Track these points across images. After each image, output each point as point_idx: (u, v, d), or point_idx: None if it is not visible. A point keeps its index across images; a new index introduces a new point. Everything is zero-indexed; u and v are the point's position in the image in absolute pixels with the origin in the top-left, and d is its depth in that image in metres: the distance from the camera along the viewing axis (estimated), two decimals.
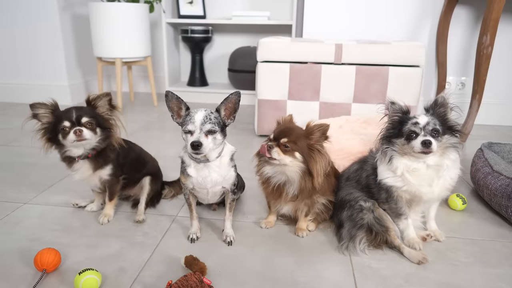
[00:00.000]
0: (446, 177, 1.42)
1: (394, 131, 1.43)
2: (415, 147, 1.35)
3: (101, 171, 1.62)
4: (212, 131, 1.34)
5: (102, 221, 1.65)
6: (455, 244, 1.54)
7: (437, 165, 1.40)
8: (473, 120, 2.83)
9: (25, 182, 2.05)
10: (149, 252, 1.45)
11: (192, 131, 1.33)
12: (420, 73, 2.66)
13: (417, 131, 1.36)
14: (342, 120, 2.35)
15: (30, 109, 1.50)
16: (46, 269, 1.29)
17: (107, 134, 1.58)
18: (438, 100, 1.42)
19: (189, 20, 3.95)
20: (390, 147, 1.43)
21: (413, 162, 1.40)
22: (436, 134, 1.36)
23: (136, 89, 4.54)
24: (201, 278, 1.22)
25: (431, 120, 1.37)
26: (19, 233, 1.57)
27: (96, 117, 1.54)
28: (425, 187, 1.42)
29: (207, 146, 1.33)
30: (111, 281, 1.29)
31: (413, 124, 1.38)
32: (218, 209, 1.80)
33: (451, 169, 1.43)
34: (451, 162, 1.41)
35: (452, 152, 1.40)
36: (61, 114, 1.51)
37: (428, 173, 1.41)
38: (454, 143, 1.40)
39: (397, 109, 1.45)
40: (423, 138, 1.33)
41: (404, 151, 1.40)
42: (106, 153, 1.61)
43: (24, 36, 3.70)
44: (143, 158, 1.84)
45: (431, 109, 1.43)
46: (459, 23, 3.22)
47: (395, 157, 1.43)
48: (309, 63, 2.73)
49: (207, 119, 1.34)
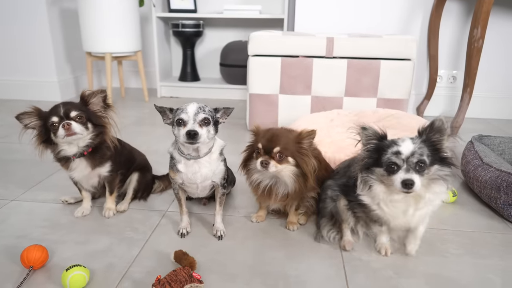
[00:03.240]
0: (425, 209, 1.25)
1: (372, 160, 1.21)
2: (395, 185, 1.14)
3: (101, 169, 1.60)
4: (207, 121, 1.33)
5: (108, 214, 1.65)
6: (446, 236, 1.54)
7: (418, 196, 1.21)
8: (464, 114, 2.84)
9: (13, 178, 2.02)
10: (138, 247, 1.44)
11: (185, 120, 1.32)
12: (412, 67, 2.66)
13: (399, 163, 1.13)
14: (334, 113, 2.34)
15: (18, 121, 1.47)
16: (33, 265, 1.27)
17: (100, 130, 1.54)
18: (435, 124, 1.15)
19: (180, 14, 3.91)
20: (369, 175, 1.23)
21: (393, 192, 1.21)
22: (422, 168, 1.13)
23: (127, 84, 4.49)
24: (190, 273, 1.21)
25: (418, 149, 1.13)
26: (6, 230, 1.55)
27: (86, 112, 1.50)
28: (399, 219, 1.28)
29: (202, 135, 1.32)
30: (100, 277, 1.27)
31: (393, 153, 1.14)
32: (209, 204, 1.78)
33: (434, 202, 1.24)
34: (434, 196, 1.21)
35: (438, 185, 1.19)
36: (48, 112, 1.48)
37: (405, 204, 1.24)
38: (443, 175, 1.18)
39: (370, 134, 1.23)
40: (404, 177, 1.11)
41: (384, 181, 1.21)
42: (103, 151, 1.57)
43: (12, 31, 3.64)
44: (132, 155, 1.83)
45: (424, 133, 1.18)
46: (451, 17, 3.22)
47: (375, 184, 1.24)
48: (300, 56, 2.71)
49: (200, 110, 1.33)
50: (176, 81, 4.17)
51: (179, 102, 3.82)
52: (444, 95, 3.40)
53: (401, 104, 2.72)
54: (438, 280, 1.28)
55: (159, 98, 4.02)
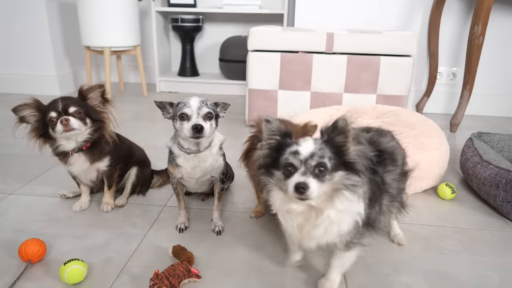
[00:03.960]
0: (324, 229, 1.02)
1: (271, 160, 1.01)
2: (289, 190, 0.94)
3: (99, 163, 1.59)
4: (210, 115, 1.34)
5: (106, 209, 1.65)
6: (444, 232, 1.54)
7: (319, 209, 1.00)
8: (463, 110, 2.84)
9: (11, 172, 2.01)
10: (136, 242, 1.44)
11: (189, 115, 1.32)
12: (412, 63, 2.66)
13: (296, 165, 0.95)
14: (333, 109, 2.33)
15: (14, 113, 1.46)
16: (31, 259, 1.27)
17: (99, 125, 1.53)
18: (338, 124, 0.94)
19: (179, 8, 3.89)
20: (269, 179, 1.03)
21: (291, 200, 1.00)
22: (322, 172, 0.93)
23: (125, 79, 4.48)
24: (188, 268, 1.21)
25: (318, 151, 0.94)
26: (4, 224, 1.54)
27: (84, 107, 1.49)
28: (294, 234, 1.09)
29: (207, 129, 1.32)
30: (98, 272, 1.27)
31: (292, 153, 0.96)
32: (207, 199, 1.78)
33: (340, 222, 1.01)
34: (337, 213, 0.99)
35: (342, 198, 0.97)
36: (47, 106, 1.47)
37: (303, 218, 1.03)
38: (349, 184, 0.96)
39: (273, 129, 1.01)
40: (298, 180, 0.92)
41: (282, 187, 1.00)
42: (101, 145, 1.57)
43: (10, 25, 3.62)
44: (131, 150, 1.83)
45: (326, 134, 0.97)
46: (451, 13, 3.21)
47: (273, 190, 1.05)
48: (300, 52, 2.70)
49: (203, 104, 1.33)
50: (175, 76, 4.15)
51: (178, 97, 3.79)
52: (444, 92, 3.39)
53: (401, 100, 2.72)
54: (436, 276, 1.28)
55: (158, 93, 4.00)
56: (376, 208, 1.09)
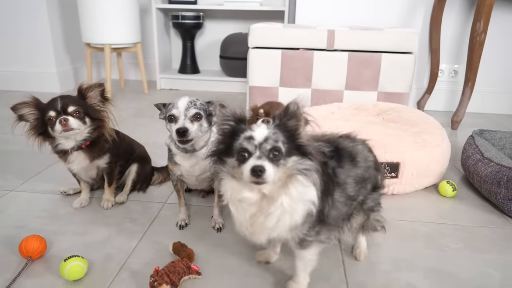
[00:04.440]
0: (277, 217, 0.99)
1: (224, 146, 1.00)
2: (244, 174, 0.93)
3: (99, 161, 1.59)
4: (198, 116, 1.32)
5: (107, 206, 1.65)
6: (445, 230, 1.54)
7: (271, 198, 0.98)
8: (465, 108, 2.83)
9: (11, 169, 2.01)
10: (136, 239, 1.44)
11: (176, 116, 1.30)
12: (413, 60, 2.65)
13: (250, 150, 0.94)
14: (334, 107, 2.33)
15: (13, 111, 1.45)
16: (31, 256, 1.27)
17: (98, 124, 1.52)
18: (289, 108, 0.96)
19: (180, 5, 3.88)
20: (220, 167, 1.01)
21: (244, 188, 0.99)
22: (277, 156, 0.93)
23: (126, 76, 4.47)
24: (188, 264, 1.21)
25: (272, 135, 0.94)
26: (5, 221, 1.54)
27: (84, 106, 1.48)
28: (245, 226, 1.05)
29: (193, 132, 1.30)
30: (98, 268, 1.27)
31: (246, 138, 0.95)
32: (207, 196, 1.78)
33: (293, 211, 0.99)
34: (291, 200, 0.97)
35: (297, 183, 0.96)
36: (46, 105, 1.46)
37: (256, 208, 1.01)
38: (302, 169, 0.96)
39: (228, 114, 1.00)
40: (254, 163, 0.91)
41: (235, 174, 0.98)
42: (101, 144, 1.56)
43: (10, 22, 3.61)
44: (131, 147, 1.82)
45: (278, 118, 0.98)
46: (453, 10, 3.20)
47: (225, 179, 1.02)
48: (301, 49, 2.69)
49: (191, 104, 1.31)
50: (175, 73, 4.14)
51: (179, 95, 3.78)
52: (445, 90, 3.38)
53: (402, 98, 2.71)
54: (437, 274, 1.28)
55: (159, 90, 4.00)
56: (328, 202, 1.08)
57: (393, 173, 1.75)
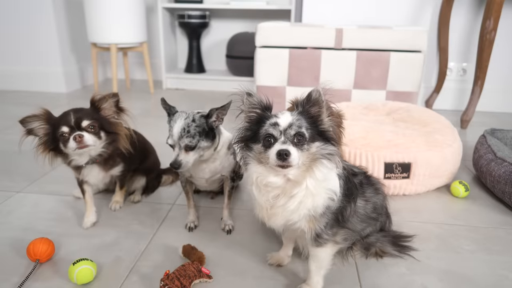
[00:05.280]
0: (302, 203, 1.03)
1: (251, 133, 1.04)
2: (271, 158, 0.97)
3: (113, 170, 1.54)
4: (191, 146, 1.28)
5: (114, 207, 1.62)
6: (458, 231, 1.51)
7: (295, 182, 1.01)
8: (474, 107, 2.79)
9: (18, 170, 2.00)
10: (145, 241, 1.42)
11: (172, 145, 1.29)
12: (422, 58, 2.61)
13: (276, 135, 0.98)
14: (343, 106, 2.29)
15: (21, 125, 1.35)
16: (39, 259, 1.25)
17: (113, 138, 1.42)
18: (312, 95, 0.99)
19: (186, 4, 3.87)
20: (247, 152, 1.06)
21: (270, 173, 1.02)
22: (301, 141, 0.98)
23: (132, 76, 4.46)
24: (199, 268, 1.19)
25: (296, 121, 0.98)
26: (12, 223, 1.53)
27: (99, 119, 1.37)
28: (265, 209, 1.08)
29: (187, 163, 1.28)
30: (107, 271, 1.25)
31: (271, 125, 0.99)
32: (216, 197, 1.76)
33: (316, 194, 1.02)
34: (316, 183, 1.01)
35: (321, 167, 1.00)
36: (58, 120, 1.35)
37: (281, 191, 1.04)
38: (326, 154, 1.00)
39: (255, 103, 1.04)
40: (279, 147, 0.95)
41: (261, 159, 1.02)
42: (114, 158, 1.50)
43: (17, 22, 3.61)
44: (145, 148, 1.77)
45: (301, 106, 1.02)
46: (462, 8, 3.15)
47: (251, 164, 1.06)
48: (309, 48, 2.67)
49: (184, 132, 1.27)
50: (181, 73, 4.13)
51: (185, 94, 3.79)
52: (454, 88, 3.34)
53: (411, 97, 2.68)
54: (452, 276, 1.25)
55: (165, 89, 3.98)
56: (351, 205, 1.13)
57: (404, 173, 1.72)
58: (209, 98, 3.58)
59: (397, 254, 1.33)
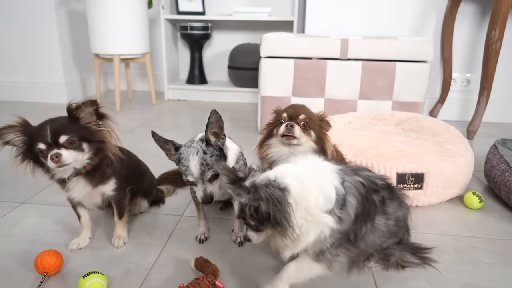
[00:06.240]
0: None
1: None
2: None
3: (104, 187, 1.36)
4: (216, 175, 1.24)
5: (118, 244, 1.41)
6: (476, 243, 1.47)
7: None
8: (481, 117, 2.78)
9: (22, 181, 1.95)
10: (155, 253, 1.38)
11: (194, 181, 1.25)
12: (428, 69, 2.61)
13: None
14: (350, 116, 2.28)
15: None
16: (48, 272, 1.21)
17: (98, 146, 1.27)
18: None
19: (189, 16, 3.87)
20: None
21: None
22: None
23: (133, 87, 4.44)
24: (213, 281, 1.15)
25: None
26: (18, 234, 1.49)
27: (78, 130, 1.22)
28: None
29: (216, 192, 1.27)
30: (117, 285, 1.21)
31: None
32: (225, 208, 1.72)
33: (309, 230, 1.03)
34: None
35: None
36: (34, 133, 1.21)
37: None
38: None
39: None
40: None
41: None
42: (102, 169, 1.32)
43: (20, 33, 3.60)
44: (140, 167, 1.65)
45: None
46: (465, 18, 3.17)
47: None
48: (314, 58, 2.66)
49: (204, 166, 1.21)
50: (183, 84, 4.11)
51: (187, 105, 3.77)
52: (458, 99, 3.33)
53: (417, 107, 2.67)
54: None
55: (166, 100, 3.96)
56: (367, 226, 1.12)
57: (417, 184, 1.69)
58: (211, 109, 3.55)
59: (418, 262, 1.29)
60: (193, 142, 1.26)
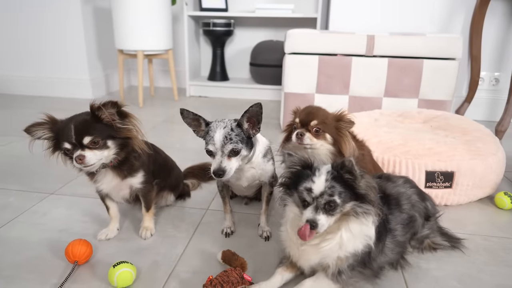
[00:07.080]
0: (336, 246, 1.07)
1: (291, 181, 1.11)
2: (302, 219, 1.04)
3: (132, 179, 1.37)
4: (235, 151, 1.23)
5: (145, 235, 1.43)
6: (508, 244, 1.43)
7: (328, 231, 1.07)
8: (510, 117, 2.70)
9: (51, 172, 1.99)
10: (182, 246, 1.38)
11: (213, 152, 1.24)
12: (456, 66, 2.55)
13: (309, 201, 1.04)
14: (376, 113, 2.24)
15: (27, 133, 1.25)
16: (78, 260, 1.23)
17: (124, 142, 1.29)
18: (345, 164, 1.02)
19: (211, 13, 3.88)
20: (287, 196, 1.12)
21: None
22: (332, 208, 1.02)
23: (155, 83, 4.48)
24: (241, 274, 1.15)
25: (328, 189, 1.01)
26: (47, 224, 1.52)
27: (101, 130, 1.24)
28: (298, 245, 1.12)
29: (231, 170, 1.23)
30: (145, 276, 1.22)
31: (306, 190, 1.04)
32: (251, 203, 1.71)
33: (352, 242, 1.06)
34: (351, 235, 1.06)
35: (353, 223, 1.05)
36: (60, 130, 1.24)
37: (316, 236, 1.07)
38: (360, 212, 1.03)
39: (295, 161, 1.10)
40: (309, 216, 1.02)
41: (299, 206, 1.09)
42: (130, 161, 1.34)
43: (47, 30, 3.68)
44: (167, 163, 1.66)
45: (336, 170, 1.05)
46: (495, 16, 3.08)
47: (289, 206, 1.13)
48: (338, 55, 2.63)
49: (227, 140, 1.22)
50: (205, 81, 4.13)
51: (208, 102, 3.79)
52: (485, 98, 3.25)
53: (444, 105, 2.61)
54: None
55: (188, 97, 3.98)
56: (379, 247, 1.14)
57: (447, 182, 1.65)
58: (232, 106, 3.56)
59: (448, 245, 1.36)
60: (225, 119, 1.28)
